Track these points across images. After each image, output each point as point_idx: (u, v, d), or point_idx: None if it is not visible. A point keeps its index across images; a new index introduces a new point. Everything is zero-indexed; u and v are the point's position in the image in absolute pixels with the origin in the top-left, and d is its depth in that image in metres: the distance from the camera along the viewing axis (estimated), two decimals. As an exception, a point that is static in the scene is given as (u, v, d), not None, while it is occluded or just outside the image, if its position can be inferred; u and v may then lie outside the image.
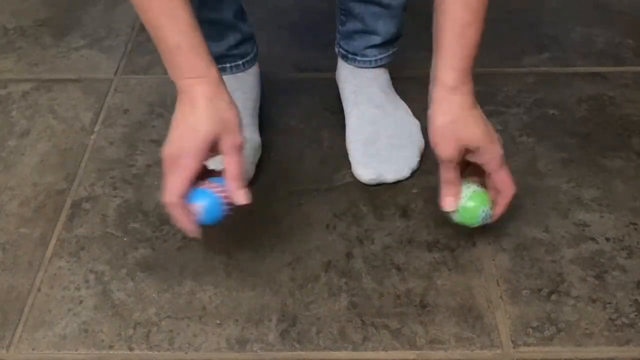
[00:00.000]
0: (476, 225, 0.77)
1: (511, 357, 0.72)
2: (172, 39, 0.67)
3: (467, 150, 0.73)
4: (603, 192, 0.88)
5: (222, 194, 0.71)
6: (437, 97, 0.72)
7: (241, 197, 0.71)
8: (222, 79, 0.70)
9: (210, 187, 0.71)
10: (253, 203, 0.87)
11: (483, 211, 0.76)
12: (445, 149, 0.72)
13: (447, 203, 0.76)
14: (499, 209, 0.77)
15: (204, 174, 0.72)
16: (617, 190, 0.88)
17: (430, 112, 0.73)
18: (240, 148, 0.71)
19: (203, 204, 0.71)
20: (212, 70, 0.69)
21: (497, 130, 0.96)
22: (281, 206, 0.87)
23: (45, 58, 1.13)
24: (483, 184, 0.77)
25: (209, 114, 0.68)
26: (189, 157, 0.68)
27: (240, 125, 0.71)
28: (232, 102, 0.71)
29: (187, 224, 0.71)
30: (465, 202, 0.76)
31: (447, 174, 0.74)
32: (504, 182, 0.75)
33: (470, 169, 0.77)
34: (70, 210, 0.88)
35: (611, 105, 1.00)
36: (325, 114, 1.00)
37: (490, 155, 0.73)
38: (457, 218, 0.77)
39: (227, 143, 0.69)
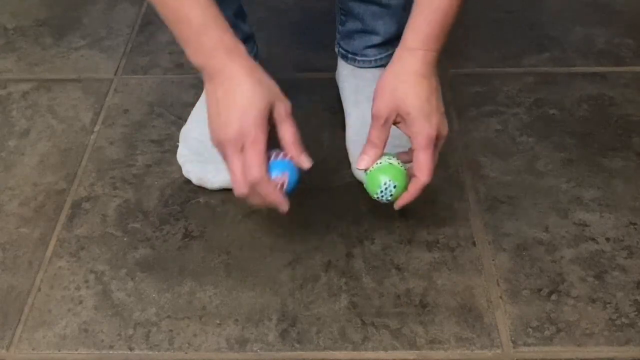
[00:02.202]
0: (376, 197, 0.75)
1: (511, 357, 0.72)
2: (197, 18, 0.65)
3: (399, 118, 0.71)
4: (603, 192, 0.88)
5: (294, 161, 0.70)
6: (396, 55, 0.72)
7: (305, 161, 0.70)
8: (248, 51, 0.69)
9: (282, 156, 0.70)
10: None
11: (385, 184, 0.73)
12: (377, 104, 0.71)
13: (361, 161, 0.74)
14: (406, 195, 0.74)
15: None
16: (617, 190, 0.88)
17: (385, 69, 0.73)
18: (291, 114, 0.70)
19: (287, 174, 0.70)
20: (240, 44, 0.68)
21: (496, 130, 0.97)
22: (281, 206, 0.87)
23: (45, 58, 1.13)
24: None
25: (257, 86, 0.67)
26: (257, 131, 0.66)
27: (281, 92, 0.70)
28: (266, 73, 0.69)
29: (277, 197, 0.70)
30: (374, 168, 0.74)
31: (373, 131, 0.73)
32: (421, 165, 0.72)
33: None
34: (70, 210, 0.88)
35: (611, 105, 1.00)
36: (325, 114, 1.00)
37: (418, 129, 0.70)
38: (364, 182, 0.76)
39: (280, 111, 0.68)
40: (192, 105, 0.95)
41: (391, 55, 0.95)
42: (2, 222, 0.86)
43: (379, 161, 0.74)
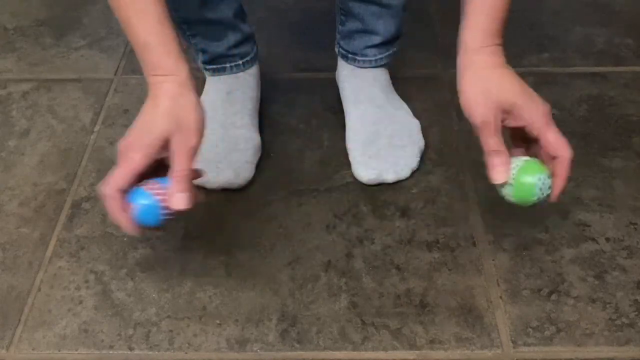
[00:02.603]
0: (534, 200, 0.67)
1: (511, 357, 0.72)
2: (141, 36, 0.66)
3: (505, 115, 0.66)
4: (603, 192, 0.88)
5: (162, 197, 0.66)
6: (464, 63, 0.69)
7: (178, 201, 0.66)
8: (191, 77, 0.68)
9: (150, 188, 0.67)
10: (253, 203, 0.87)
11: (540, 180, 0.66)
12: (478, 113, 0.66)
13: (497, 173, 0.66)
14: (559, 181, 0.67)
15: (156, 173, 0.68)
16: (617, 190, 0.88)
17: (459, 81, 0.69)
18: (192, 151, 0.66)
19: (138, 205, 0.67)
20: (181, 68, 0.67)
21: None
22: (281, 206, 0.87)
23: (45, 58, 1.13)
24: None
25: (167, 112, 0.66)
26: (137, 152, 0.65)
27: (199, 128, 0.67)
28: (197, 103, 0.68)
29: (121, 219, 0.67)
30: (517, 173, 0.66)
31: (489, 139, 0.66)
32: (557, 143, 0.65)
33: (514, 149, 0.70)
34: (70, 210, 0.88)
35: (611, 105, 1.00)
36: (325, 114, 1.00)
37: (531, 112, 0.65)
38: (511, 194, 0.67)
39: (177, 142, 0.66)
40: (192, 105, 0.95)
41: (391, 55, 0.96)
42: (2, 222, 0.86)
43: (512, 165, 0.67)
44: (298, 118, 1.00)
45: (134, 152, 0.66)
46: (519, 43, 1.12)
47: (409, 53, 1.04)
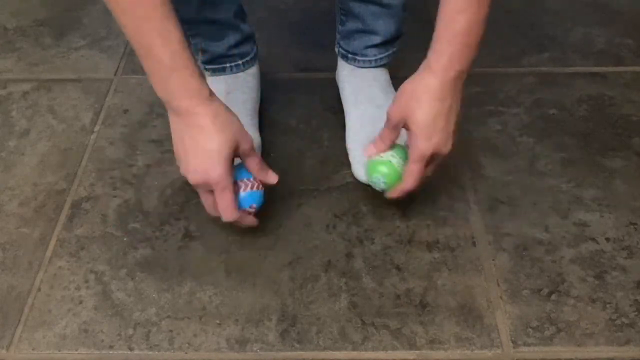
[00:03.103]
0: (371, 183, 0.82)
1: (511, 357, 0.72)
2: (166, 60, 0.66)
3: (406, 126, 0.75)
4: (603, 192, 0.88)
5: (257, 184, 0.77)
6: (419, 69, 0.74)
7: (272, 177, 0.78)
8: (212, 90, 0.71)
9: (249, 186, 0.76)
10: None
11: (377, 178, 0.80)
12: (393, 108, 0.76)
13: (365, 148, 0.80)
14: (393, 192, 0.79)
15: None
16: (617, 190, 0.88)
17: (406, 81, 0.75)
18: (254, 148, 0.75)
19: (256, 204, 0.77)
20: (205, 87, 0.69)
21: (496, 130, 0.97)
22: (281, 206, 0.87)
23: (45, 58, 1.13)
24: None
25: (221, 133, 0.70)
26: (225, 178, 0.71)
27: (245, 131, 0.74)
28: (229, 111, 0.72)
29: (250, 223, 0.78)
30: (375, 159, 0.80)
31: (384, 129, 0.78)
32: (409, 174, 0.76)
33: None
34: (70, 210, 0.88)
35: (611, 105, 1.00)
36: (325, 114, 1.00)
37: (415, 144, 0.74)
38: (365, 170, 0.82)
39: (245, 148, 0.73)
40: (192, 105, 0.95)
41: (391, 55, 0.96)
42: (2, 222, 0.86)
43: (382, 154, 0.79)
44: (298, 118, 1.00)
45: (221, 179, 0.71)
46: (519, 43, 1.12)
47: (409, 53, 1.03)
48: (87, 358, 0.73)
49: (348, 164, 0.91)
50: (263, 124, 0.97)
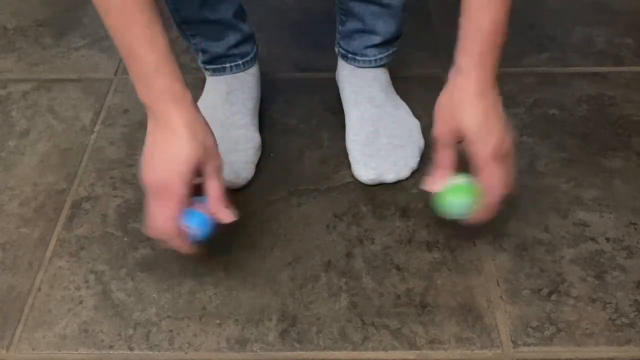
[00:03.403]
0: (453, 216, 0.75)
1: (511, 357, 0.72)
2: (150, 62, 0.65)
3: (460, 137, 0.71)
4: (603, 192, 0.88)
5: (209, 212, 0.72)
6: (450, 78, 0.72)
7: (228, 216, 0.72)
8: (195, 102, 0.70)
9: (199, 208, 0.71)
10: (253, 203, 0.87)
11: (461, 204, 0.73)
12: (438, 126, 0.72)
13: (427, 183, 0.75)
14: (481, 212, 0.73)
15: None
16: (617, 190, 0.88)
17: (441, 92, 0.72)
18: (221, 170, 0.71)
19: (198, 226, 0.71)
20: (188, 94, 0.68)
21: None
22: (281, 206, 0.87)
23: (45, 58, 1.13)
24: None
25: (191, 140, 0.67)
26: (179, 185, 0.67)
27: (218, 148, 0.71)
28: (207, 125, 0.70)
29: (184, 247, 0.72)
30: (446, 190, 0.73)
31: (438, 153, 0.74)
32: (491, 177, 0.70)
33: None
34: (70, 210, 0.88)
35: (611, 105, 1.00)
36: (325, 114, 1.00)
37: (478, 147, 0.69)
38: (437, 204, 0.75)
39: (209, 168, 0.70)
40: (192, 105, 0.95)
41: (391, 55, 0.96)
42: (2, 222, 0.86)
43: (449, 181, 0.74)
44: (298, 118, 1.00)
45: (176, 186, 0.67)
46: (519, 43, 1.12)
47: (409, 53, 1.04)
48: (87, 358, 0.73)
49: (348, 164, 0.91)
50: (263, 124, 0.97)
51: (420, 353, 0.72)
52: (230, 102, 0.93)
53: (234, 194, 0.88)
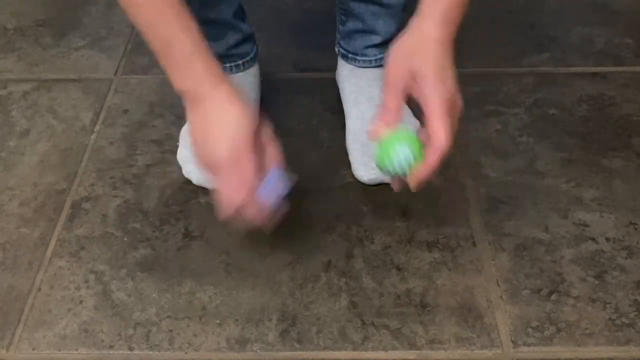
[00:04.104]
0: (389, 170, 0.70)
1: (511, 357, 0.72)
2: (187, 47, 0.67)
3: (412, 82, 0.68)
4: (603, 192, 0.88)
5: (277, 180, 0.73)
6: (410, 25, 0.71)
7: (290, 179, 0.74)
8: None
9: (268, 176, 0.72)
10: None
11: (402, 155, 0.67)
12: (392, 68, 0.70)
13: (371, 127, 0.71)
14: (423, 168, 0.68)
15: None
16: (617, 190, 0.88)
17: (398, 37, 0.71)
18: (274, 136, 0.74)
19: (273, 191, 0.72)
20: (224, 72, 0.71)
21: (496, 130, 0.97)
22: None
23: (45, 58, 1.13)
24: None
25: (245, 109, 0.69)
26: (248, 153, 0.69)
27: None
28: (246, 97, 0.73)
29: (260, 216, 0.72)
30: (388, 138, 0.69)
31: (388, 97, 0.70)
32: (436, 129, 0.66)
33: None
34: (70, 210, 0.88)
35: (611, 105, 1.00)
36: (325, 114, 1.00)
37: (432, 91, 0.66)
38: (375, 154, 0.71)
39: (267, 134, 0.72)
40: (192, 105, 0.95)
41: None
42: (2, 222, 0.86)
43: (393, 129, 0.69)
44: (298, 118, 1.00)
45: (248, 152, 0.68)
46: (519, 43, 1.12)
47: (409, 53, 1.04)
48: (87, 358, 0.73)
49: (348, 164, 0.91)
50: (263, 124, 0.97)
51: (420, 353, 0.72)
52: (231, 102, 0.93)
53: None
